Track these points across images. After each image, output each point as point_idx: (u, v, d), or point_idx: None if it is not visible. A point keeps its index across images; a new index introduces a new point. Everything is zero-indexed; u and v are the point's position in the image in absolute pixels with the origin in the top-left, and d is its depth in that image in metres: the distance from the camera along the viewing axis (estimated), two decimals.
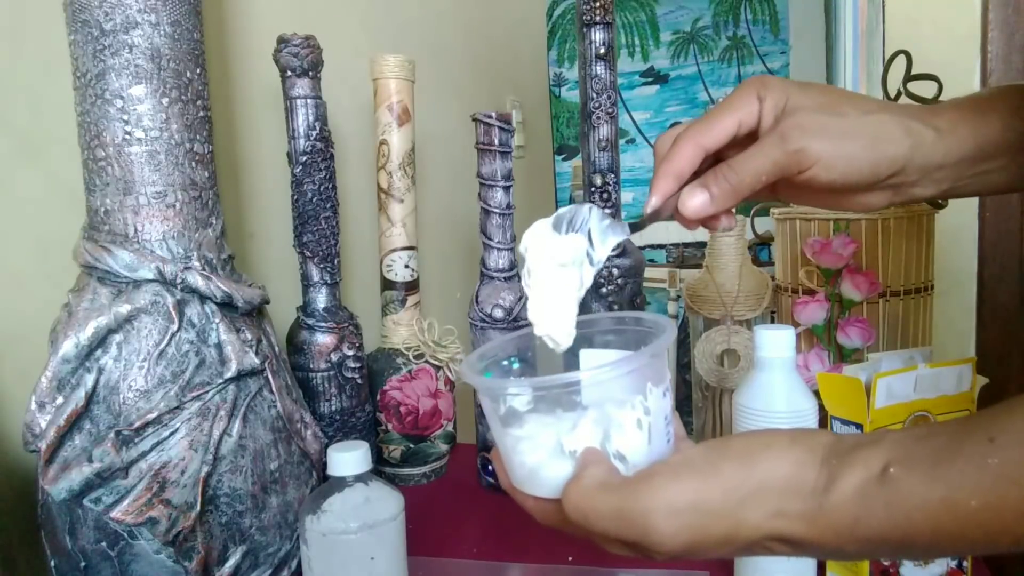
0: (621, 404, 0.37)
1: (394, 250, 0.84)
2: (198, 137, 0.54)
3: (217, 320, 0.53)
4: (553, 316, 0.41)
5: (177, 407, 0.50)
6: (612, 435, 0.37)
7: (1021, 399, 0.29)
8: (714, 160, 0.43)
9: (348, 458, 0.51)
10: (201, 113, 0.55)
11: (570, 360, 0.44)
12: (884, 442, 0.32)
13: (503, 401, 0.40)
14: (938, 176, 0.44)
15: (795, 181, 0.42)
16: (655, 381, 0.38)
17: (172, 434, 0.50)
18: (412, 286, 0.86)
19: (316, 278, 0.73)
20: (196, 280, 0.52)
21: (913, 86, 0.79)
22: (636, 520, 0.34)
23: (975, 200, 1.26)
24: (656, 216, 0.44)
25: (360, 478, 0.52)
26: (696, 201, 0.41)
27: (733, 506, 0.33)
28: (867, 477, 0.31)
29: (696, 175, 0.43)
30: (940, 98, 0.81)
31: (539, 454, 0.38)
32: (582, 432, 0.37)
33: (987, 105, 0.44)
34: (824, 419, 0.56)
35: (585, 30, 0.75)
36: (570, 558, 0.67)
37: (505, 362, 0.47)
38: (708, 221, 0.44)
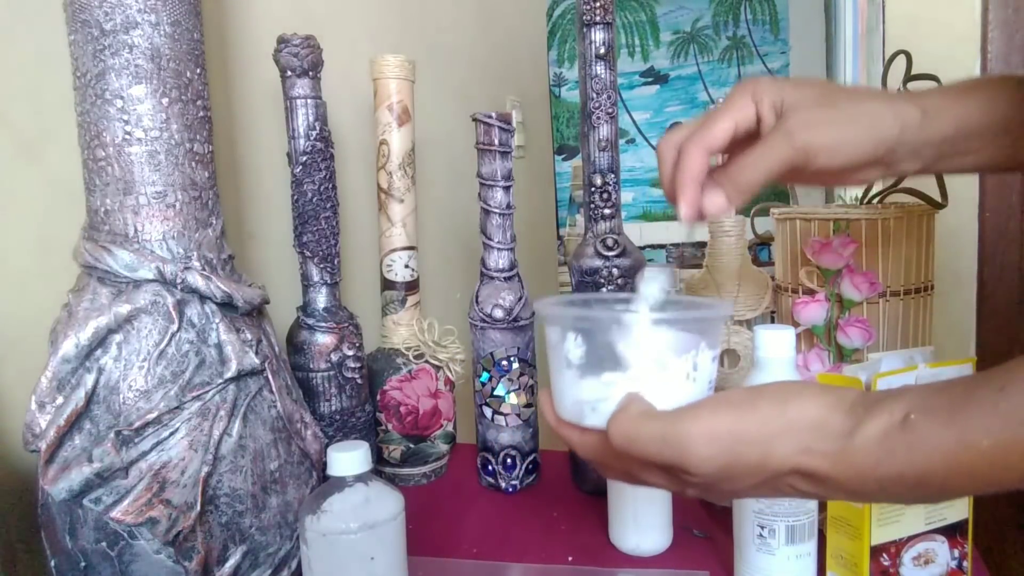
0: (678, 354, 0.40)
1: (394, 250, 0.84)
2: (198, 137, 0.54)
3: (217, 320, 0.53)
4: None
5: (177, 407, 0.50)
6: (659, 384, 0.40)
7: None
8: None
9: (348, 458, 0.51)
10: (201, 113, 0.55)
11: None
12: (906, 394, 0.35)
13: (570, 338, 0.42)
14: (924, 153, 0.47)
15: (798, 169, 0.45)
16: (709, 344, 0.41)
17: (172, 434, 0.50)
18: (412, 286, 0.86)
19: (316, 278, 0.73)
20: (196, 280, 0.52)
21: (913, 86, 0.79)
22: (677, 442, 0.37)
23: (975, 200, 1.26)
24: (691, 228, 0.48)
25: (360, 478, 0.52)
26: (716, 203, 0.45)
27: (766, 437, 0.36)
28: (890, 423, 0.34)
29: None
30: None
31: (595, 391, 0.41)
32: (636, 374, 0.40)
33: (970, 91, 0.48)
34: None
35: (585, 30, 0.75)
36: (570, 558, 0.67)
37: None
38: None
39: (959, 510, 0.57)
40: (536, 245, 1.97)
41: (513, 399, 0.79)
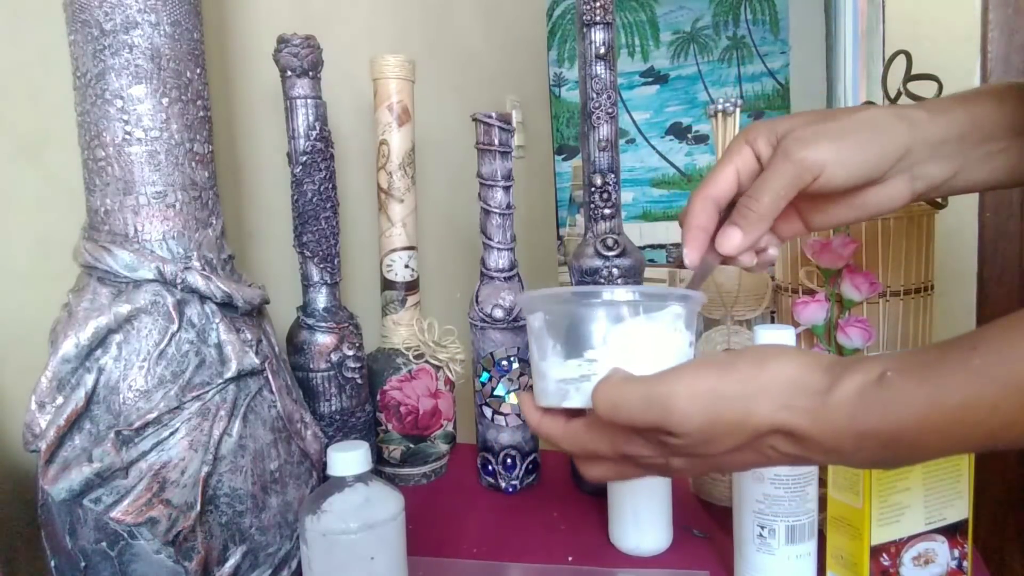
0: (658, 330, 0.41)
1: (394, 250, 0.84)
2: (198, 137, 0.54)
3: (217, 320, 0.53)
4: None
5: (177, 407, 0.50)
6: (639, 359, 0.41)
7: (1003, 319, 0.34)
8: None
9: (348, 458, 0.51)
10: (201, 113, 0.55)
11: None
12: (882, 357, 0.36)
13: (548, 322, 0.43)
14: (946, 151, 0.47)
15: (813, 192, 0.45)
16: (687, 323, 0.42)
17: (172, 434, 0.50)
18: (412, 286, 0.86)
19: (316, 278, 0.73)
20: (196, 280, 0.52)
21: (913, 86, 0.79)
22: (660, 402, 0.37)
23: (975, 200, 1.26)
24: (705, 270, 0.48)
25: (360, 478, 0.52)
26: (732, 239, 0.46)
27: (746, 394, 0.37)
28: (866, 380, 0.35)
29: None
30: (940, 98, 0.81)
31: (579, 370, 0.41)
32: (616, 351, 0.41)
33: (974, 95, 0.48)
34: None
35: (585, 30, 0.75)
36: (570, 558, 0.67)
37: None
38: (759, 257, 0.49)
39: (959, 510, 0.57)
40: (536, 245, 1.97)
41: (513, 399, 0.79)
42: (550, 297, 0.45)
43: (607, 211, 0.78)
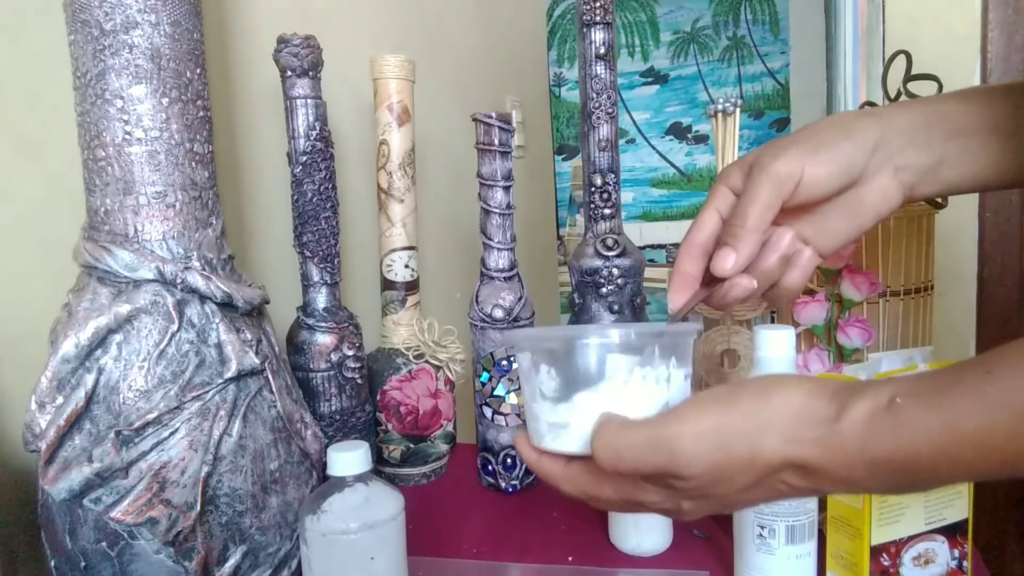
0: (649, 372, 0.40)
1: (394, 250, 0.84)
2: (198, 137, 0.54)
3: (217, 320, 0.53)
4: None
5: (177, 407, 0.50)
6: (632, 402, 0.40)
7: (1018, 342, 0.33)
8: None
9: (348, 458, 0.51)
10: (201, 113, 0.55)
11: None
12: (891, 380, 0.35)
13: (535, 362, 0.42)
14: (919, 139, 0.46)
15: (801, 202, 0.45)
16: (679, 362, 0.41)
17: (172, 434, 0.50)
18: (412, 286, 0.86)
19: (316, 278, 0.73)
20: (196, 280, 0.52)
21: (913, 86, 0.79)
22: (665, 445, 0.36)
23: (975, 200, 1.26)
24: (684, 314, 0.47)
25: (360, 478, 0.52)
26: (725, 259, 0.45)
27: (753, 430, 0.36)
28: (875, 406, 0.34)
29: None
30: None
31: (569, 413, 0.40)
32: (609, 394, 0.40)
33: (938, 95, 0.49)
34: None
35: (585, 30, 0.75)
36: (570, 558, 0.67)
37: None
38: (774, 294, 0.48)
39: (959, 510, 0.57)
40: (536, 245, 1.97)
41: (513, 399, 0.79)
42: (537, 337, 0.44)
43: (607, 211, 0.78)
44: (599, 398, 0.40)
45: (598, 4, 0.74)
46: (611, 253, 0.77)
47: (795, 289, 0.47)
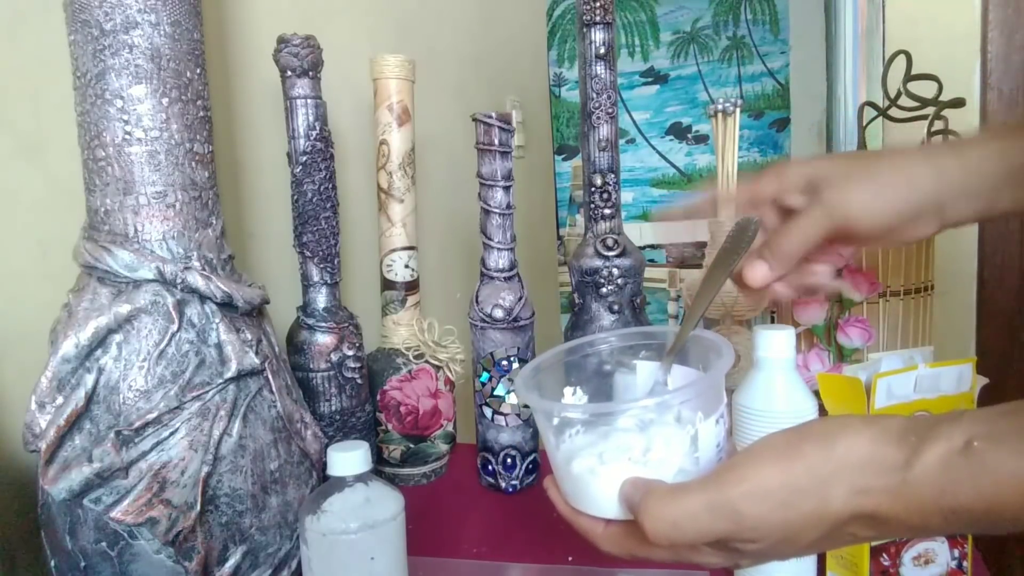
0: (674, 427, 0.39)
1: (394, 250, 0.84)
2: (198, 137, 0.54)
3: (217, 320, 0.53)
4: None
5: (177, 407, 0.50)
6: (665, 456, 0.38)
7: None
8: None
9: (348, 458, 0.51)
10: (201, 113, 0.55)
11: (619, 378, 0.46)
12: (964, 419, 0.33)
13: (563, 427, 0.41)
14: (975, 191, 0.46)
15: (839, 235, 0.46)
16: (706, 411, 0.39)
17: (172, 434, 0.50)
18: (412, 286, 0.86)
19: (316, 278, 0.73)
20: (196, 280, 0.52)
21: (913, 86, 0.79)
22: (727, 509, 0.34)
23: None
24: (685, 333, 0.46)
25: (360, 478, 0.52)
26: (758, 271, 0.46)
27: (819, 484, 0.33)
28: (950, 449, 0.31)
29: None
30: (940, 98, 0.81)
31: (610, 473, 0.39)
32: (638, 455, 0.38)
33: (1008, 131, 0.46)
34: None
35: (585, 30, 0.75)
36: (570, 558, 0.67)
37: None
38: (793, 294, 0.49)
39: None
40: (536, 245, 1.97)
41: (513, 399, 0.79)
42: (560, 403, 0.43)
43: (607, 211, 0.78)
44: (631, 463, 0.38)
45: (598, 4, 0.74)
46: (611, 253, 0.77)
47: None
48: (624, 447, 0.39)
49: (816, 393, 0.56)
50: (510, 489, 0.80)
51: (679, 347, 0.44)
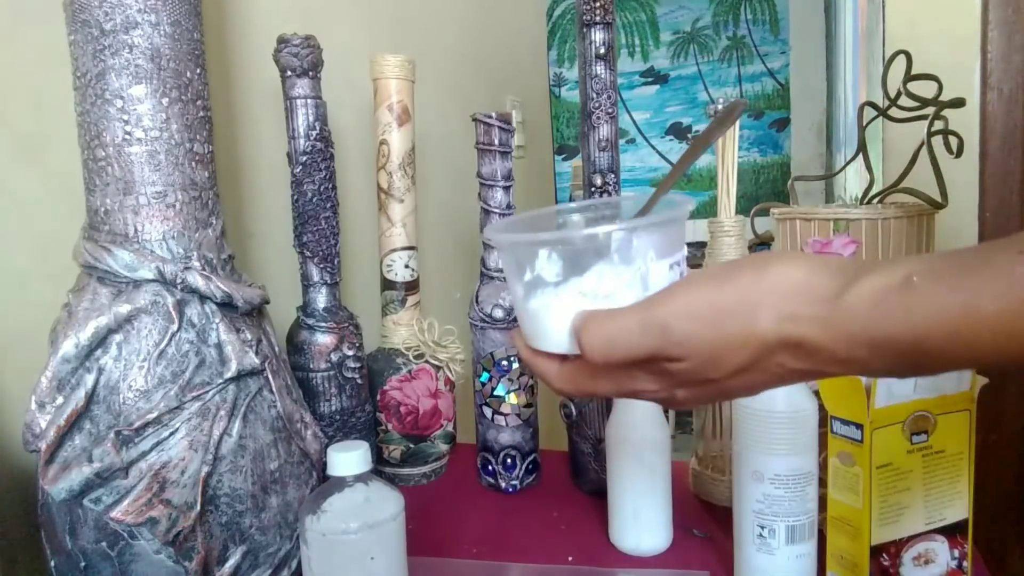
0: (625, 266, 0.38)
1: (394, 250, 0.84)
2: (198, 137, 0.54)
3: (217, 320, 0.53)
4: None
5: (177, 407, 0.50)
6: (613, 290, 0.38)
7: None
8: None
9: (348, 458, 0.51)
10: (201, 113, 0.55)
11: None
12: (906, 260, 0.33)
13: (529, 264, 0.41)
14: None
15: None
16: (659, 252, 0.38)
17: (172, 434, 0.50)
18: (412, 286, 0.86)
19: (316, 278, 0.73)
20: (196, 280, 0.52)
21: (913, 86, 0.79)
22: (656, 325, 0.34)
23: (975, 200, 1.26)
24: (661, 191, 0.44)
25: (360, 478, 0.52)
26: None
27: (748, 306, 0.34)
28: (887, 283, 0.32)
29: None
30: (940, 98, 0.81)
31: (563, 305, 0.39)
32: (591, 282, 0.38)
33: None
34: (824, 419, 0.56)
35: (585, 30, 0.75)
36: (570, 558, 0.67)
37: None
38: None
39: (959, 510, 0.57)
40: None
41: (513, 399, 0.79)
42: (535, 236, 0.43)
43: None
44: (598, 294, 0.38)
45: (598, 4, 0.74)
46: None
47: None
48: (576, 282, 0.39)
49: (816, 393, 0.56)
50: (510, 489, 0.80)
51: (650, 209, 0.43)
